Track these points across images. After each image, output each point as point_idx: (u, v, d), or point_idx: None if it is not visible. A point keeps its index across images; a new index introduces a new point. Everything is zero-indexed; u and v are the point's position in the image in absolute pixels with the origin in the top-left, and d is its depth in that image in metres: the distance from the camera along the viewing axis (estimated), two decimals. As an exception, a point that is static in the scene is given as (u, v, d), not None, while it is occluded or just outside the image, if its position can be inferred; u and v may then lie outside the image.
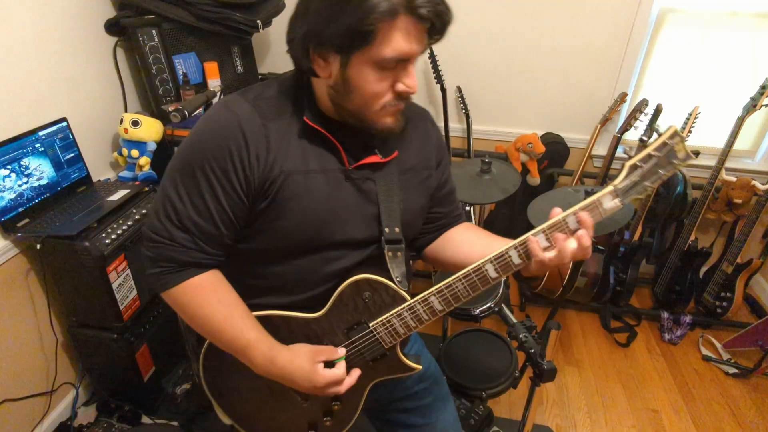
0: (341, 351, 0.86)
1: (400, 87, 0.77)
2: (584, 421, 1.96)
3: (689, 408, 2.02)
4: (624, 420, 1.97)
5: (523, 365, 1.42)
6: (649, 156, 0.76)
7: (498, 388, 1.53)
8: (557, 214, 0.78)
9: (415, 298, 0.85)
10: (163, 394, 1.94)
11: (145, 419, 1.88)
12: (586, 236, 0.76)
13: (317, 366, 0.82)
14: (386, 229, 0.87)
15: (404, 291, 0.86)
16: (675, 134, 0.75)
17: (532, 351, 1.30)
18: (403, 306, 0.86)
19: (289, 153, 0.80)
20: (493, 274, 0.82)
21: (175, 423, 1.85)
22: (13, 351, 1.67)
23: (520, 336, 1.35)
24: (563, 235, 0.77)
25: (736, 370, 2.17)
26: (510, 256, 0.80)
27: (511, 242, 0.80)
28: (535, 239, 0.77)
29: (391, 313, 0.86)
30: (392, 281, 0.86)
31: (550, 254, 0.77)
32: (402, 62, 0.74)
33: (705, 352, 2.29)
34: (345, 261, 0.87)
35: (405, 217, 0.90)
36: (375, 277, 0.85)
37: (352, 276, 0.86)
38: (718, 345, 2.32)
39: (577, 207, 0.77)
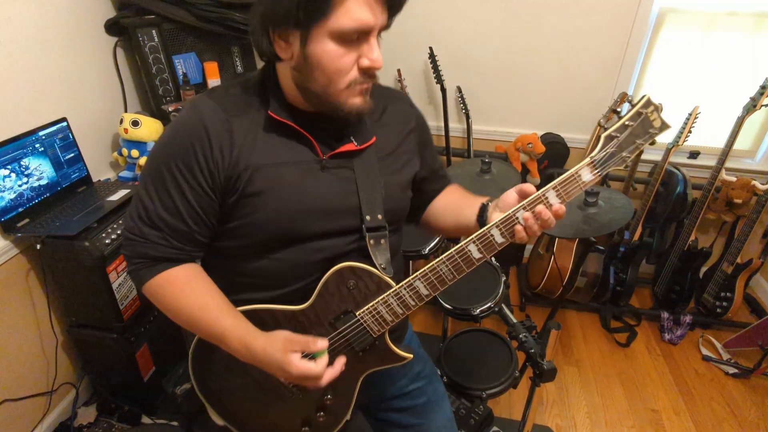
0: (321, 344, 0.83)
1: (365, 62, 0.75)
2: (584, 421, 1.96)
3: (689, 408, 2.02)
4: (624, 420, 1.97)
5: (523, 365, 1.43)
6: (625, 126, 0.76)
7: (498, 388, 1.52)
8: (530, 191, 0.81)
9: (401, 284, 0.85)
10: (163, 394, 1.94)
11: (145, 419, 1.88)
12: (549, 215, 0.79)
13: (291, 356, 0.80)
14: (367, 217, 0.86)
15: (389, 277, 0.86)
16: (648, 103, 0.75)
17: (532, 351, 1.30)
18: (388, 292, 0.85)
19: (255, 147, 0.79)
20: (476, 254, 0.81)
21: (175, 423, 1.85)
22: (13, 351, 1.67)
23: (520, 336, 1.35)
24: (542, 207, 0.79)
25: (736, 370, 2.17)
26: (492, 236, 0.80)
27: (475, 207, 0.82)
28: (516, 216, 0.80)
29: (377, 300, 0.86)
30: (376, 268, 0.85)
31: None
32: (364, 35, 0.73)
33: (705, 352, 2.29)
34: (328, 252, 0.86)
35: (388, 203, 0.89)
36: (358, 265, 0.85)
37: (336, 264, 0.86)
38: (718, 345, 2.32)
39: (556, 181, 0.79)
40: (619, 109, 2.06)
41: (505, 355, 1.63)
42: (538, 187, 0.82)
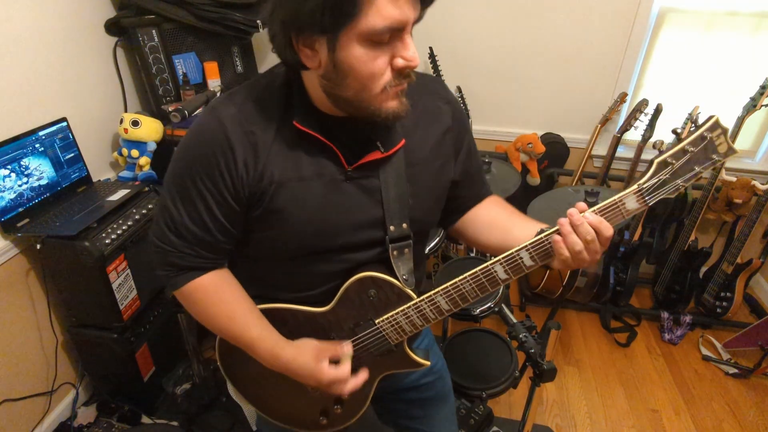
0: (347, 349, 0.86)
1: (399, 62, 0.68)
2: (584, 421, 1.96)
3: (689, 408, 2.02)
4: (624, 420, 1.97)
5: (523, 365, 1.42)
6: (683, 151, 0.67)
7: (498, 388, 1.52)
8: (583, 208, 0.73)
9: (422, 297, 0.84)
10: (163, 394, 1.94)
11: (145, 419, 1.88)
12: (597, 244, 0.72)
13: (321, 364, 0.83)
14: (391, 228, 0.83)
15: (410, 289, 0.85)
16: (716, 125, 0.66)
17: (532, 351, 1.30)
18: (409, 304, 0.85)
19: (279, 160, 0.76)
20: (503, 275, 0.78)
21: (175, 423, 1.85)
22: (13, 351, 1.67)
23: (520, 336, 1.35)
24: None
25: (736, 370, 2.17)
26: (521, 258, 0.76)
27: (525, 231, 0.79)
28: (552, 241, 0.74)
29: (396, 311, 0.86)
30: (398, 279, 0.85)
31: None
32: (397, 32, 0.66)
33: (705, 352, 2.29)
34: (351, 262, 0.86)
35: (415, 213, 0.85)
36: (379, 275, 0.84)
37: (358, 273, 0.85)
38: (718, 345, 2.32)
39: (596, 207, 0.72)
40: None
41: (505, 355, 1.63)
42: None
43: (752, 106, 1.99)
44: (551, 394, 2.07)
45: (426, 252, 1.76)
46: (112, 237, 1.60)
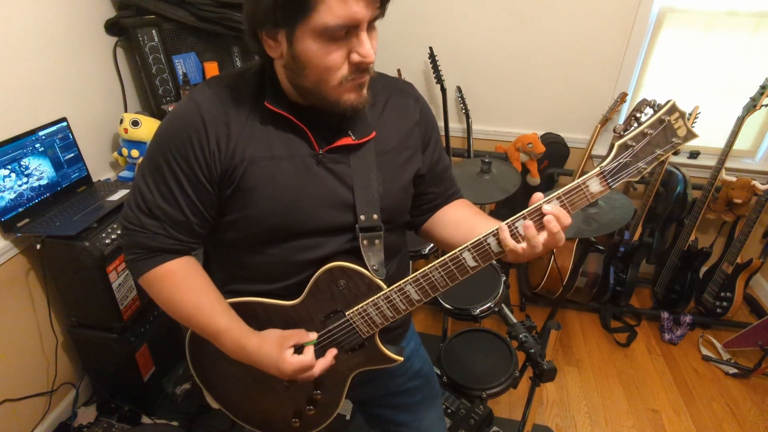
0: (312, 335, 0.86)
1: (355, 58, 0.72)
2: (584, 421, 1.96)
3: (689, 408, 2.02)
4: (624, 420, 1.97)
5: (523, 365, 1.43)
6: (643, 134, 0.70)
7: (498, 388, 1.52)
8: (539, 199, 0.75)
9: (391, 287, 0.84)
10: (163, 394, 1.94)
11: (145, 419, 1.88)
12: (554, 222, 0.73)
13: (284, 353, 0.82)
14: (362, 216, 0.84)
15: (380, 279, 0.85)
16: (673, 109, 0.69)
17: (532, 351, 1.30)
18: (378, 295, 0.85)
19: (252, 139, 0.78)
20: (471, 263, 0.79)
21: (175, 423, 1.85)
22: (13, 351, 1.67)
23: (520, 336, 1.35)
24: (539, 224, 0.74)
25: (736, 370, 2.17)
26: (489, 244, 0.77)
27: (490, 228, 0.79)
28: (515, 226, 0.75)
29: (366, 302, 0.85)
30: (368, 269, 0.85)
31: (523, 244, 0.75)
32: (352, 29, 0.70)
33: (705, 352, 2.29)
34: (323, 250, 0.86)
35: (385, 201, 0.87)
36: (349, 265, 0.84)
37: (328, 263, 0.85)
38: (718, 345, 2.32)
39: (561, 191, 0.73)
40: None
41: (505, 355, 1.63)
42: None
43: (752, 106, 1.99)
44: (551, 394, 2.07)
45: (426, 252, 1.76)
46: (112, 237, 1.60)
